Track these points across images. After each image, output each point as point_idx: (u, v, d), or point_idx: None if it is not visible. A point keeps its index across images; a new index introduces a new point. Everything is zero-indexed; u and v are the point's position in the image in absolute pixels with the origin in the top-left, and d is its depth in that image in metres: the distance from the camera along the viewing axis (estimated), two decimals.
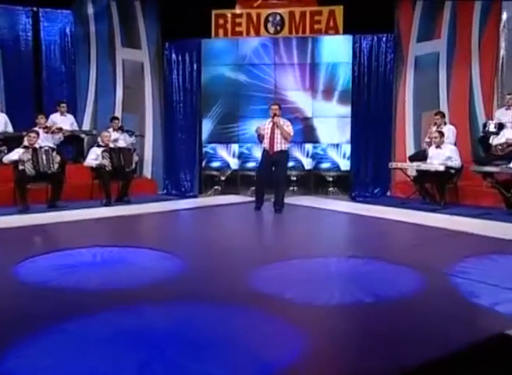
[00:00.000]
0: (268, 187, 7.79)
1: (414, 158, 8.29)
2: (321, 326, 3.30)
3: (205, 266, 4.55)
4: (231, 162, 9.78)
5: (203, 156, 9.77)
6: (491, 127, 7.73)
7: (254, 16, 9.43)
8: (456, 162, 7.61)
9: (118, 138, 8.68)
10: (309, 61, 9.39)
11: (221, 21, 9.47)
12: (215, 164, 9.84)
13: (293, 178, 9.50)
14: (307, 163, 9.61)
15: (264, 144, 7.62)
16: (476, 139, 8.30)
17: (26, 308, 3.51)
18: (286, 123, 7.60)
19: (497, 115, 7.94)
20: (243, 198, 9.01)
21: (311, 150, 9.58)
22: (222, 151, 9.77)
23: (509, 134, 7.51)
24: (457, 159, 7.62)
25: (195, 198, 9.32)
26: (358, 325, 3.36)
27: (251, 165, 9.54)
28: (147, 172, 9.79)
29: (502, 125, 7.67)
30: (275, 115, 7.52)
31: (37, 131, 7.91)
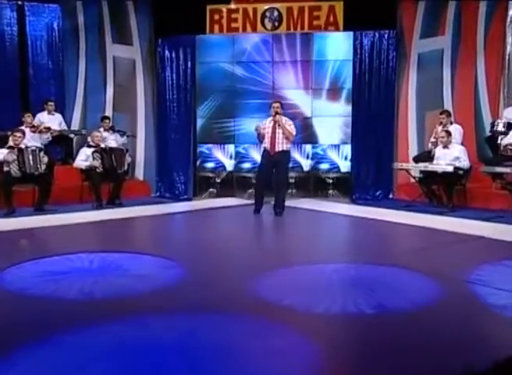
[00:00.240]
0: (268, 188, 7.46)
1: (419, 159, 7.99)
2: (334, 336, 3.16)
3: (205, 273, 4.39)
4: (226, 163, 9.42)
5: (197, 157, 9.42)
6: (499, 127, 7.45)
7: (250, 11, 9.08)
8: (465, 162, 7.33)
9: (107, 138, 8.37)
10: (309, 58, 9.06)
11: (216, 17, 9.13)
12: (210, 165, 9.48)
13: (292, 180, 9.13)
14: (306, 164, 9.28)
15: (265, 144, 7.30)
16: (482, 139, 8.07)
17: (17, 318, 3.33)
18: (288, 122, 7.29)
19: (505, 114, 7.69)
20: (240, 200, 8.66)
21: (311, 151, 9.25)
22: (217, 152, 9.41)
23: None
24: (466, 160, 7.34)
25: (189, 201, 8.90)
26: (374, 336, 3.09)
27: (248, 166, 9.21)
28: (139, 174, 9.43)
29: (511, 124, 7.40)
30: (276, 113, 7.19)
31: (22, 130, 7.61)
